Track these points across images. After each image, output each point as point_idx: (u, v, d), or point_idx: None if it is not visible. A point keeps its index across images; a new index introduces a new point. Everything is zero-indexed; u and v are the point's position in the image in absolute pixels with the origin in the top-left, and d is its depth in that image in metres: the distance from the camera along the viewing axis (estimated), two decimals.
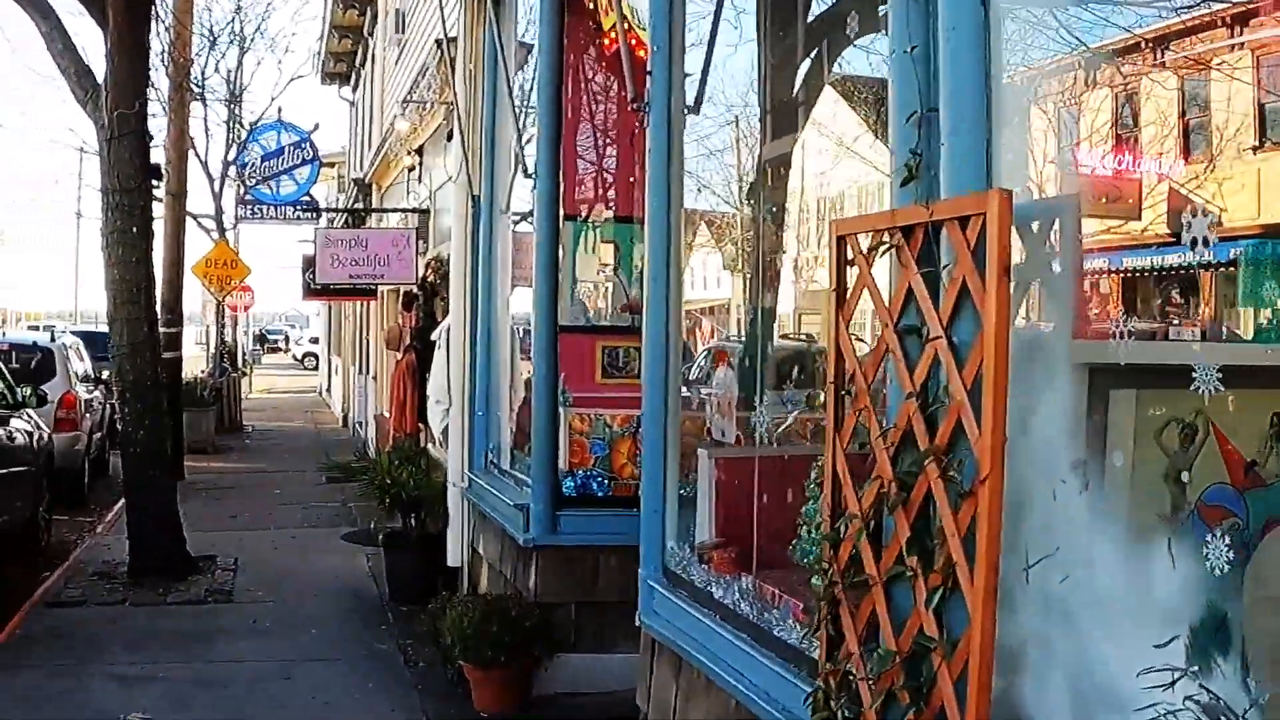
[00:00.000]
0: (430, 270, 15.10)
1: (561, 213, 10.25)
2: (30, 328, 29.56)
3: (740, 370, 7.92)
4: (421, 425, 16.25)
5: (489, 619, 9.44)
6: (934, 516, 4.03)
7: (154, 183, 14.62)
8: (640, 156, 11.88)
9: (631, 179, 11.68)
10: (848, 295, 4.59)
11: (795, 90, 8.48)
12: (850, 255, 4.55)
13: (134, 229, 14.09)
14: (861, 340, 4.69)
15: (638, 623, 7.40)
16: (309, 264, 23.17)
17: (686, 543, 7.03)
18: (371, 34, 29.05)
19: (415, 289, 17.01)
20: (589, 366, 11.21)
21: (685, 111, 7.28)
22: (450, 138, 13.55)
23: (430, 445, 16.32)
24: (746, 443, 7.07)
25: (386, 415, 21.34)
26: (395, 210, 17.89)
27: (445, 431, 13.00)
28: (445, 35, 13.42)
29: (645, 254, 7.38)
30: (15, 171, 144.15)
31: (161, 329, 23.64)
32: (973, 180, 4.01)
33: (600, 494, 9.82)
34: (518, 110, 11.32)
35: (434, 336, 13.70)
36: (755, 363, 7.64)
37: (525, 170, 10.28)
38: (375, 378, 25.40)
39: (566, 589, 9.75)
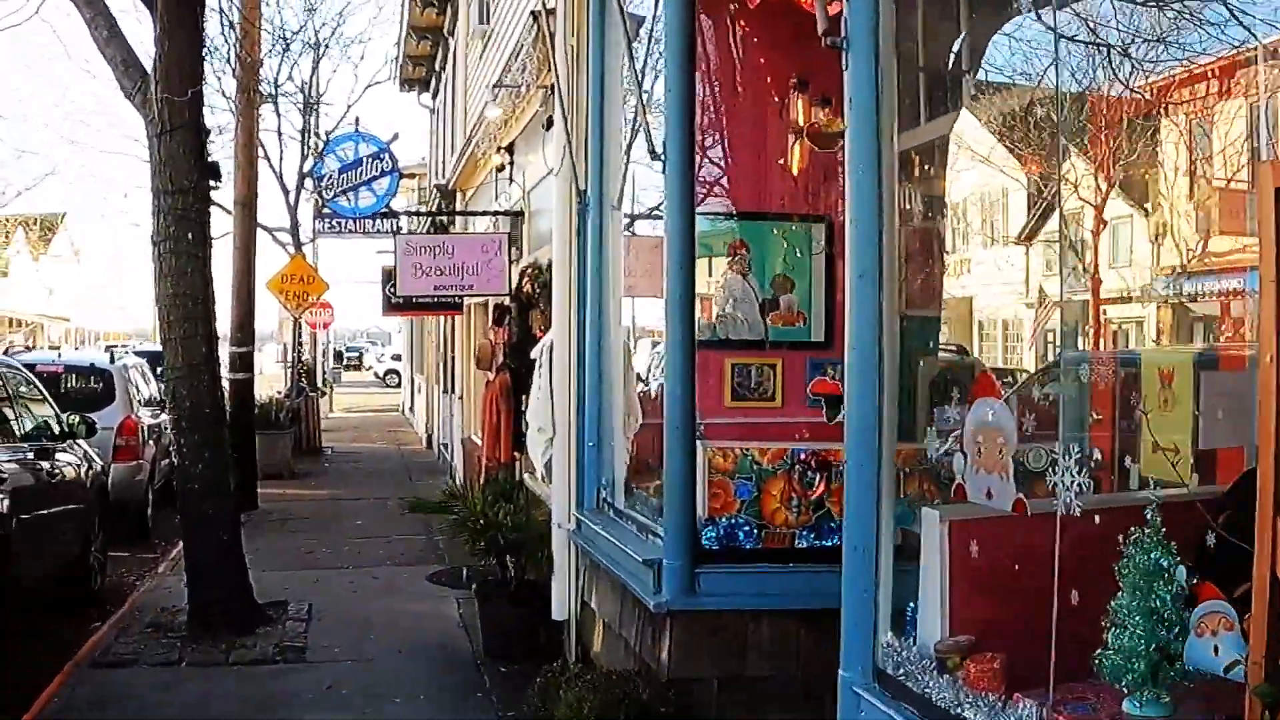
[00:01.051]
0: (526, 279, 13.32)
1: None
2: (108, 348, 28.08)
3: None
4: (517, 454, 14.51)
5: (614, 705, 7.64)
6: None
7: (212, 183, 12.88)
8: (775, 137, 10.37)
9: (774, 164, 9.99)
10: None
11: None
12: None
13: (189, 235, 12.38)
14: None
15: None
16: (389, 276, 21.72)
17: (909, 637, 5.15)
18: (452, 33, 27.39)
19: (508, 301, 15.28)
20: (717, 388, 9.79)
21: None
22: (549, 125, 11.80)
23: (527, 477, 14.56)
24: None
25: (477, 441, 19.65)
26: (484, 214, 16.10)
27: (549, 464, 11.22)
28: (543, 6, 11.65)
29: (850, 244, 5.50)
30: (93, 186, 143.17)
31: (232, 348, 22.59)
32: None
33: (748, 546, 8.00)
34: (639, 72, 9.49)
35: (533, 354, 11.93)
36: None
37: (651, 148, 8.37)
38: (462, 398, 23.67)
39: (708, 663, 7.93)
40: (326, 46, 37.55)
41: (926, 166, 9.64)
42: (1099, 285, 8.50)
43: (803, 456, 8.05)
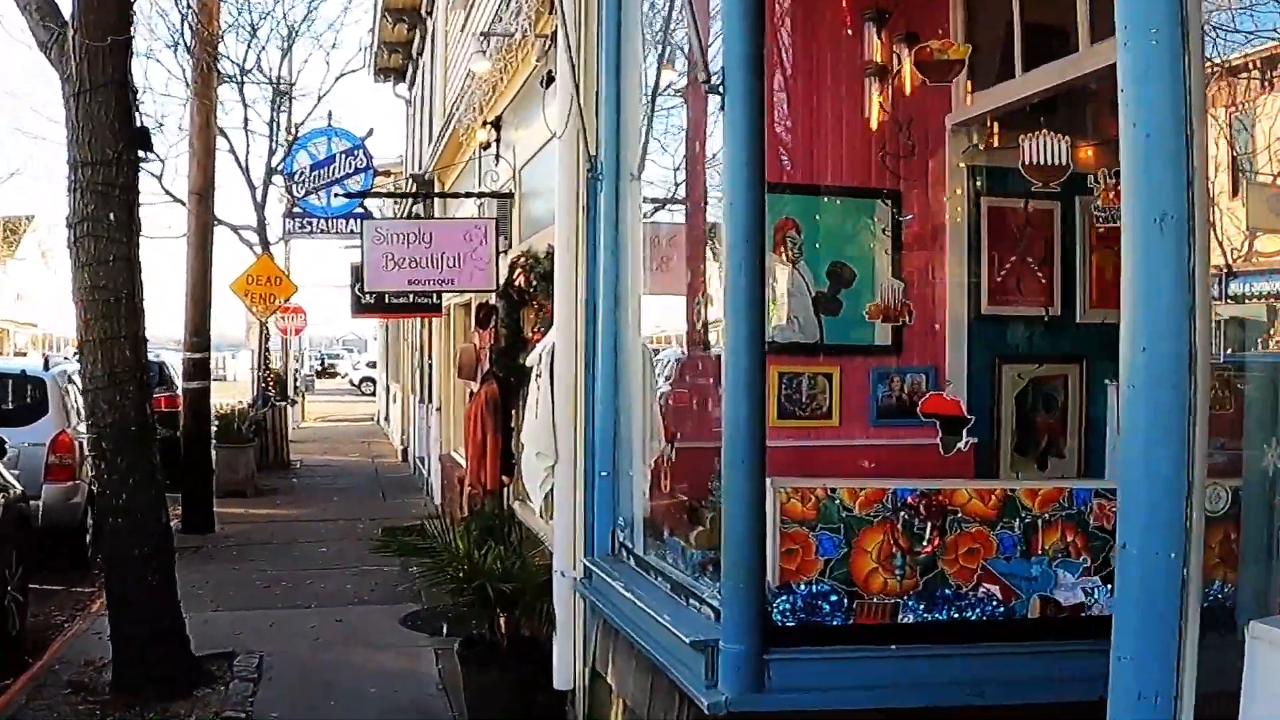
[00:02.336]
0: (519, 271, 11.14)
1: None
2: (45, 355, 26.17)
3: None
4: (506, 479, 12.37)
5: None
6: None
7: (142, 155, 10.70)
8: (839, 83, 8.33)
9: (834, 119, 8.04)
10: None
11: None
12: None
13: (111, 216, 10.23)
14: None
15: None
16: (358, 275, 19.57)
17: None
18: (430, 12, 25.24)
19: (494, 298, 13.15)
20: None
21: None
22: (549, 82, 9.68)
23: (518, 506, 12.42)
24: None
25: (458, 459, 17.54)
26: (468, 195, 13.87)
27: (549, 496, 9.10)
28: None
29: (1134, 170, 3.28)
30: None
31: (187, 354, 20.46)
32: None
33: (836, 622, 5.91)
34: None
35: (528, 361, 9.80)
36: None
37: (706, 76, 6.08)
38: (440, 410, 21.48)
39: None
40: (297, 33, 35.48)
41: None
42: None
43: (909, 499, 5.94)
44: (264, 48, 35.27)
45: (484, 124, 13.79)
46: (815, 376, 8.30)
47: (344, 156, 19.85)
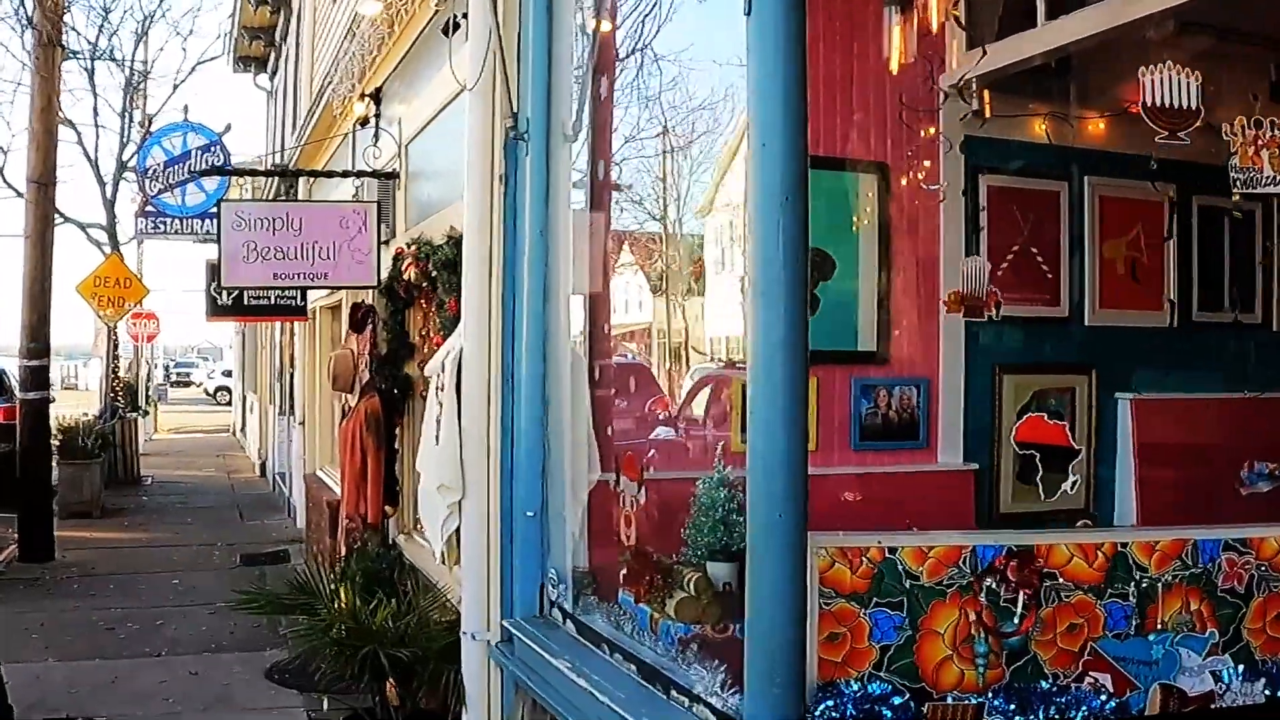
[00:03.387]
0: (409, 262, 9.22)
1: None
2: None
3: None
4: (390, 509, 10.56)
5: None
6: None
7: None
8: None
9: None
10: None
11: None
12: None
13: None
14: None
15: None
16: (214, 273, 17.71)
17: None
18: None
19: (372, 296, 11.37)
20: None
21: None
22: (454, 29, 7.88)
23: (403, 540, 10.65)
24: None
25: (326, 481, 15.71)
26: (345, 175, 11.87)
27: (454, 539, 7.35)
28: None
29: None
30: None
31: (23, 361, 18.43)
32: None
33: None
34: None
35: (426, 370, 8.02)
36: None
37: None
38: (304, 423, 19.50)
39: None
40: (152, 18, 33.42)
41: None
42: None
43: (995, 561, 4.29)
44: (116, 31, 32.63)
45: (362, 96, 11.94)
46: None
47: (200, 153, 19.40)
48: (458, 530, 7.28)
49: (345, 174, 11.60)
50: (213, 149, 19.62)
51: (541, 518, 6.64)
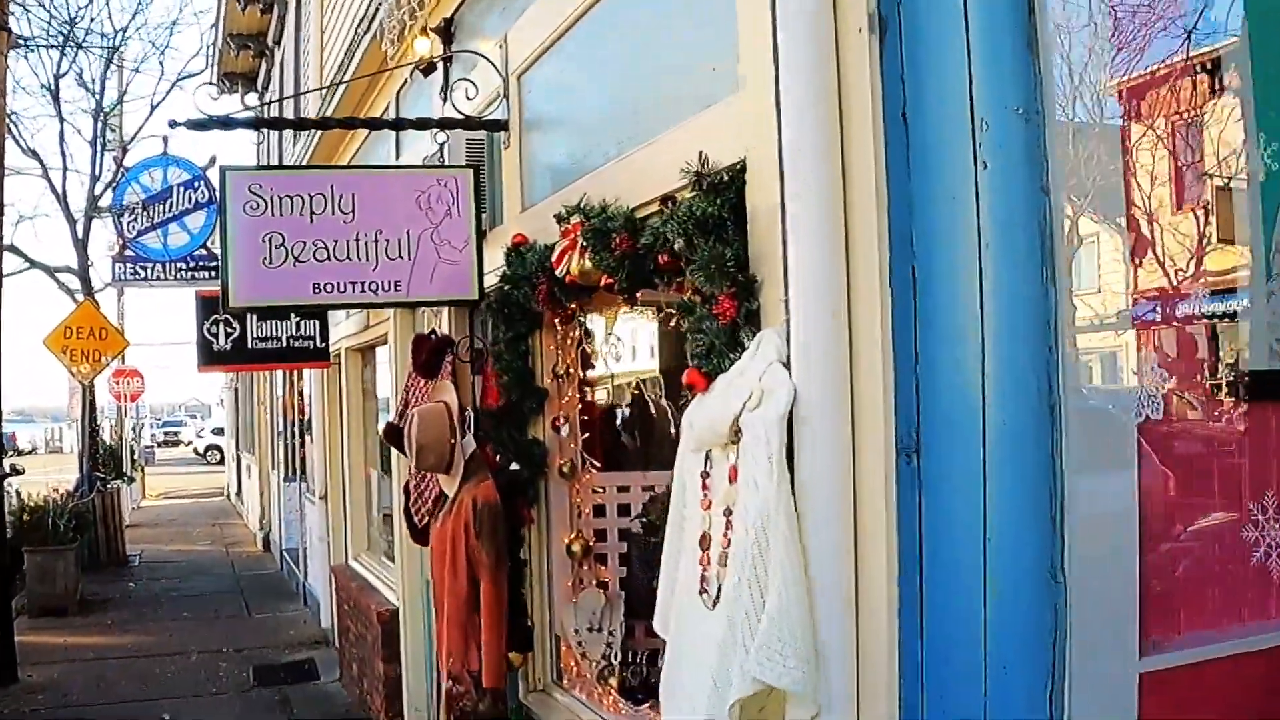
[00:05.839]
0: (570, 249, 5.24)
1: None
2: None
3: None
4: (517, 658, 6.61)
5: None
6: None
7: None
8: None
9: None
10: None
11: None
12: None
13: None
14: None
15: None
16: (208, 308, 14.31)
17: None
18: None
19: (451, 316, 7.52)
20: None
21: None
22: None
23: (533, 697, 6.70)
24: None
25: (364, 576, 11.94)
26: (418, 126, 7.41)
27: None
28: None
29: None
30: None
31: None
32: None
33: None
34: None
35: (687, 422, 4.06)
36: None
37: None
38: (327, 498, 15.47)
39: None
40: (124, 34, 30.10)
41: None
42: None
43: None
44: (82, 45, 29.02)
45: (424, 30, 8.02)
46: None
47: (182, 189, 18.59)
48: None
49: (421, 125, 7.39)
50: (196, 184, 18.59)
51: None
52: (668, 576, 4.13)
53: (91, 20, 29.58)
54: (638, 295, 4.94)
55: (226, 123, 6.94)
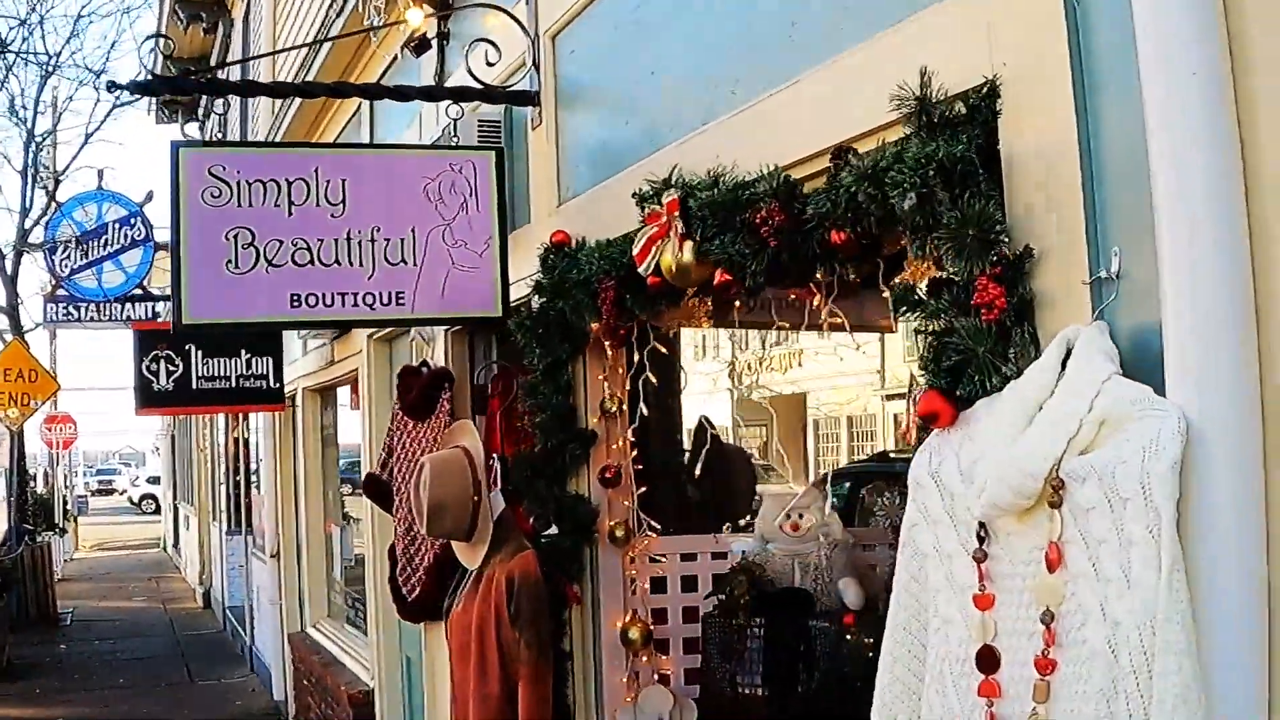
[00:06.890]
0: (659, 236, 3.90)
1: None
2: None
3: None
4: None
5: None
6: None
7: None
8: None
9: None
10: None
11: None
12: None
13: None
14: None
15: None
16: (146, 343, 12.95)
17: None
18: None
19: (448, 344, 6.17)
20: None
21: None
22: None
23: None
24: None
25: (323, 647, 10.52)
26: (427, 97, 5.98)
27: None
28: None
29: None
30: None
31: None
32: None
33: None
34: None
35: (920, 464, 2.68)
36: None
37: None
38: (278, 556, 13.97)
39: None
40: (58, 60, 28.81)
41: None
42: None
43: None
44: (12, 72, 27.63)
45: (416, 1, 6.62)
46: None
47: (118, 226, 18.50)
48: None
49: (427, 94, 5.87)
50: (132, 221, 18.53)
51: None
52: (886, 713, 2.74)
53: (24, 41, 27.92)
54: (816, 304, 3.52)
55: (177, 85, 5.50)
